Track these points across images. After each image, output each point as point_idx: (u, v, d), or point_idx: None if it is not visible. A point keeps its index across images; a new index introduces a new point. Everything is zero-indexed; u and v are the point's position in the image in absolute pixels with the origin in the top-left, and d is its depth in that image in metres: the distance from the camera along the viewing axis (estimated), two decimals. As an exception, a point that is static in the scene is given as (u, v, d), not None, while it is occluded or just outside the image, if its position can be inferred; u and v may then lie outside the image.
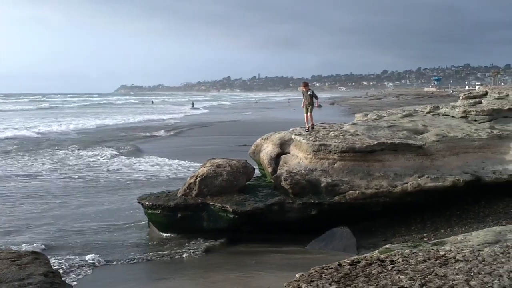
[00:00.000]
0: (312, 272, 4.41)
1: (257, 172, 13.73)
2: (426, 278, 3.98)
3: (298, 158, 12.42)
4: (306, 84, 13.86)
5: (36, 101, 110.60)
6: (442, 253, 4.63)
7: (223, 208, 11.40)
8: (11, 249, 8.26)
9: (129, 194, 15.64)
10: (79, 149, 27.07)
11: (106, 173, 20.15)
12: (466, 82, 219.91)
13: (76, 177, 19.19)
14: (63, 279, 7.15)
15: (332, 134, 12.91)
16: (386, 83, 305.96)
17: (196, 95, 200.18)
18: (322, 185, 11.50)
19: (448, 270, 4.16)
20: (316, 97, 13.72)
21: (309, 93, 13.57)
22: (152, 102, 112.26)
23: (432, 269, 4.20)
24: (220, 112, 68.27)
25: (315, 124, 13.83)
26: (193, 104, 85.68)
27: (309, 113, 13.62)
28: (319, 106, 13.64)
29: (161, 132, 36.80)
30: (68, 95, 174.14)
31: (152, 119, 53.07)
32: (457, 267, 4.21)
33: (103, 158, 23.95)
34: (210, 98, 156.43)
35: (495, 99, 15.51)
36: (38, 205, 14.74)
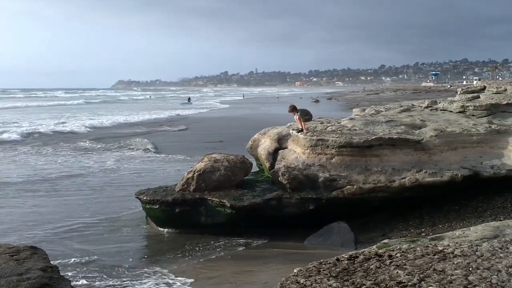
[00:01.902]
0: (310, 267, 4.40)
1: (254, 167, 13.71)
2: (425, 273, 3.98)
3: (296, 153, 12.40)
4: (292, 108, 12.98)
5: (56, 97, 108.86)
6: (440, 248, 4.63)
7: (220, 203, 11.39)
8: (9, 244, 8.23)
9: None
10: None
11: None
12: (464, 77, 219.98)
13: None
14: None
15: (330, 129, 12.90)
16: (383, 78, 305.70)
17: (200, 90, 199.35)
18: (319, 180, 11.49)
19: (447, 265, 4.15)
20: (301, 119, 12.71)
21: (295, 116, 12.89)
22: (150, 96, 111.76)
23: (430, 264, 4.19)
24: (247, 107, 66.75)
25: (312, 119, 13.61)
26: (189, 100, 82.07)
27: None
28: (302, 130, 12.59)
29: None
30: (79, 90, 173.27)
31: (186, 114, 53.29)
32: (455, 262, 4.21)
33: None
34: (219, 93, 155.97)
35: (493, 93, 15.50)
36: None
